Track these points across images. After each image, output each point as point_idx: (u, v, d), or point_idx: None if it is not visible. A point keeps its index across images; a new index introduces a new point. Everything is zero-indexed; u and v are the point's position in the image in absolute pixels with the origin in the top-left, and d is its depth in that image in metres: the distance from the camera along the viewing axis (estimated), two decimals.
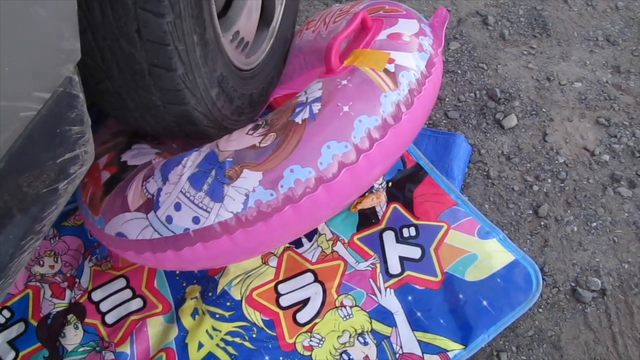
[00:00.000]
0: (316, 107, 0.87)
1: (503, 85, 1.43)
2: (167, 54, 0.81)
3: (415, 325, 1.01)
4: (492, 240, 1.09)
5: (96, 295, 1.07)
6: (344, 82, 0.90)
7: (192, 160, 0.87)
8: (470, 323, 1.00)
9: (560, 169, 1.27)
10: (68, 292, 1.07)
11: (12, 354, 1.01)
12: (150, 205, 0.85)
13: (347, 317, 1.02)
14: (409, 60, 0.95)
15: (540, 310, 1.07)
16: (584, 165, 1.28)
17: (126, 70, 0.84)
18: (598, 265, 1.12)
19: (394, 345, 0.99)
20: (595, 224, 1.18)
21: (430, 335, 1.00)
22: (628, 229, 1.17)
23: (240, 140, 0.87)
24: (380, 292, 1.05)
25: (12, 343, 1.02)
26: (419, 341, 1.00)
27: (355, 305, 1.04)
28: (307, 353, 0.99)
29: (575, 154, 1.30)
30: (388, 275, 1.07)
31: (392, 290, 1.05)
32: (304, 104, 0.88)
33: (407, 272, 1.06)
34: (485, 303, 1.01)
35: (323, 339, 1.00)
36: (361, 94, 0.88)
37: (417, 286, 1.05)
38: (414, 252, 1.08)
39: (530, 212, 1.20)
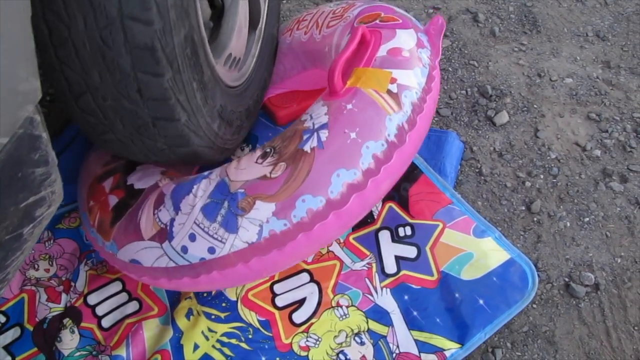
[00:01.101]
0: (324, 134, 0.88)
1: (494, 82, 1.44)
2: (169, 107, 0.82)
3: (412, 324, 1.02)
4: (488, 239, 1.09)
5: (92, 299, 1.07)
6: (349, 106, 0.91)
7: (202, 190, 0.89)
8: (466, 322, 1.00)
9: (552, 165, 1.27)
10: (64, 296, 1.07)
11: (8, 359, 1.01)
12: (164, 235, 0.87)
13: (344, 317, 1.03)
14: (410, 78, 0.97)
15: (535, 306, 1.07)
16: (576, 161, 1.29)
17: (130, 125, 0.85)
18: (591, 260, 1.13)
19: (391, 345, 1.00)
20: (587, 219, 1.19)
21: (427, 334, 1.00)
22: (620, 223, 1.18)
23: (250, 169, 0.89)
24: (376, 291, 1.05)
25: (8, 348, 1.02)
26: (416, 340, 1.00)
27: (352, 305, 1.04)
28: (303, 353, 1.00)
29: (567, 150, 1.30)
30: (384, 274, 1.07)
31: (388, 290, 1.05)
32: (311, 130, 0.90)
33: (403, 272, 1.07)
34: (481, 302, 1.02)
35: (319, 339, 1.01)
36: (367, 119, 0.90)
37: (413, 285, 1.05)
38: (410, 252, 1.09)
39: (523, 208, 1.21)
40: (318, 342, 1.00)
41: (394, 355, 0.99)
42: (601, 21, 1.62)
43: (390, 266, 1.08)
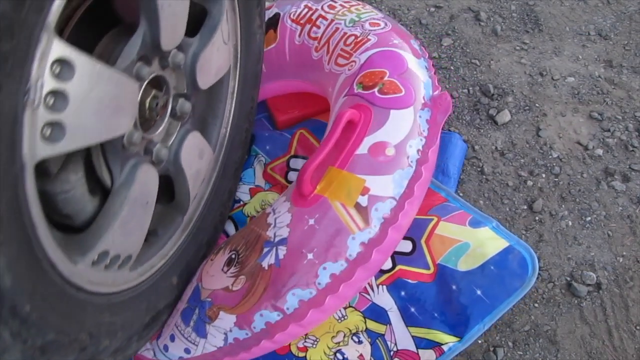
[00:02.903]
0: (282, 251, 0.88)
1: (496, 81, 1.44)
2: None
3: (410, 321, 1.01)
4: (485, 229, 1.05)
5: None
6: (312, 221, 0.89)
7: (186, 293, 0.96)
8: (464, 314, 0.99)
9: (554, 164, 1.27)
10: None
11: None
12: (157, 333, 0.96)
13: (342, 318, 1.02)
14: (386, 187, 0.90)
15: (536, 305, 1.07)
16: (578, 160, 1.28)
17: None
18: (593, 260, 1.12)
19: (389, 343, 0.99)
20: (589, 218, 1.18)
21: (425, 330, 1.00)
22: (622, 222, 1.18)
23: (216, 277, 0.93)
24: (372, 290, 1.04)
25: None
26: (414, 337, 0.99)
27: (349, 306, 1.03)
28: (301, 354, 0.99)
29: (569, 149, 1.30)
30: (380, 271, 1.06)
31: (384, 287, 1.04)
32: (271, 243, 0.90)
33: (398, 267, 1.05)
34: (479, 292, 1.00)
35: (317, 340, 1.00)
36: (327, 238, 0.87)
37: (409, 280, 1.04)
38: (405, 246, 1.07)
39: (525, 207, 1.20)
40: (316, 343, 1.00)
41: (391, 353, 0.99)
42: (603, 20, 1.61)
43: (386, 262, 1.07)
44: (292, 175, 1.19)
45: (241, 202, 1.17)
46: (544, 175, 1.25)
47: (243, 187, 1.19)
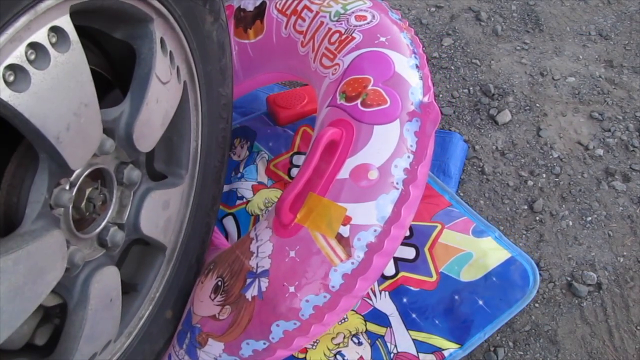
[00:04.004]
0: (264, 283, 0.87)
1: (497, 81, 1.44)
2: None
3: (411, 325, 1.01)
4: (488, 239, 1.07)
5: None
6: (292, 253, 0.86)
7: (183, 315, 0.96)
8: (465, 323, 0.99)
9: (555, 164, 1.27)
10: None
11: None
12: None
13: (342, 320, 1.02)
14: (369, 214, 0.85)
15: (537, 305, 1.07)
16: (578, 160, 1.28)
17: None
18: (593, 260, 1.12)
19: (389, 345, 0.99)
20: (590, 218, 1.18)
21: (425, 334, 1.00)
22: (623, 222, 1.18)
23: (205, 304, 0.93)
24: (375, 295, 1.04)
25: None
26: (414, 340, 0.99)
27: (351, 310, 1.03)
28: (301, 356, 0.99)
29: (570, 149, 1.30)
30: (382, 277, 1.06)
31: (386, 293, 1.04)
32: (253, 274, 0.88)
33: (401, 273, 1.06)
34: (481, 302, 1.01)
35: (317, 341, 1.00)
36: (308, 271, 0.85)
37: (411, 288, 1.04)
38: (408, 253, 1.07)
39: (526, 207, 1.20)
40: (315, 344, 1.00)
41: (391, 355, 0.98)
42: (604, 20, 1.61)
43: (389, 268, 1.06)
44: (295, 172, 1.18)
45: (244, 200, 1.17)
46: (544, 175, 1.25)
47: (245, 184, 1.18)
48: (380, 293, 1.04)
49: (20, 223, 0.60)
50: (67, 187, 0.64)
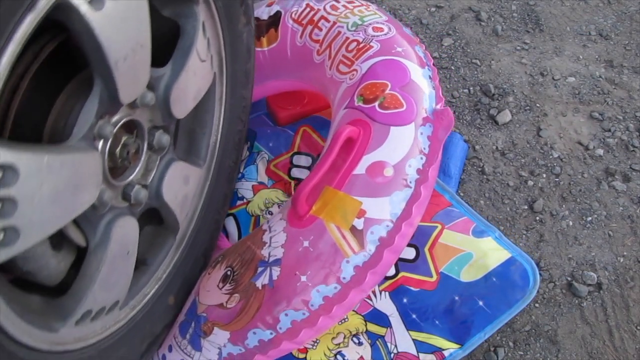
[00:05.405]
0: (275, 272, 0.88)
1: (497, 81, 1.44)
2: None
3: (411, 325, 1.01)
4: (488, 239, 1.07)
5: None
6: (306, 243, 0.88)
7: (185, 306, 0.97)
8: (465, 323, 0.99)
9: (555, 164, 1.27)
10: None
11: None
12: None
13: (343, 321, 1.02)
14: (383, 209, 0.88)
15: (537, 305, 1.07)
16: (579, 160, 1.28)
17: None
18: (594, 260, 1.12)
19: (389, 345, 0.99)
20: (590, 218, 1.18)
21: (425, 334, 1.00)
22: (623, 222, 1.18)
23: (212, 293, 0.93)
24: (375, 295, 1.04)
25: None
26: (414, 340, 0.99)
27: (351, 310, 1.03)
28: (301, 356, 0.99)
29: (570, 149, 1.30)
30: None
31: (386, 293, 1.04)
32: (265, 263, 0.90)
33: (401, 274, 1.06)
34: (481, 303, 1.01)
35: (317, 341, 1.00)
36: (321, 261, 0.87)
37: (412, 288, 1.04)
38: (408, 253, 1.07)
39: (526, 207, 1.20)
40: (315, 345, 1.00)
41: (392, 355, 0.98)
42: (604, 20, 1.61)
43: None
44: (295, 172, 1.19)
45: (244, 200, 1.17)
46: (544, 175, 1.25)
47: (246, 184, 1.18)
48: (381, 293, 1.04)
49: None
50: (111, 121, 0.70)
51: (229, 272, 0.94)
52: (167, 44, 0.79)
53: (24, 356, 0.63)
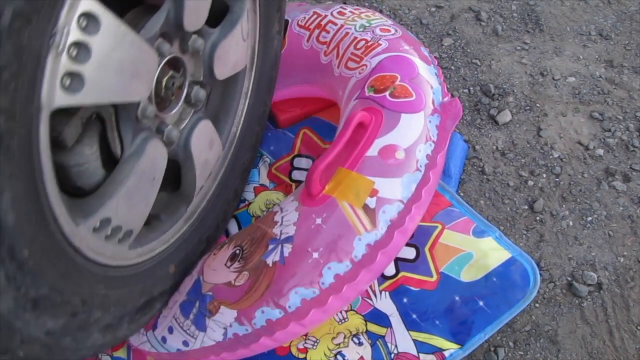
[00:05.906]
0: (287, 249, 0.88)
1: (497, 81, 1.44)
2: None
3: (411, 325, 1.01)
4: (488, 239, 1.07)
5: None
6: (319, 220, 0.89)
7: (184, 286, 0.95)
8: (466, 323, 1.00)
9: (555, 164, 1.27)
10: None
11: None
12: (150, 324, 0.95)
13: (342, 321, 1.02)
14: (394, 189, 0.91)
15: (537, 305, 1.07)
16: (579, 160, 1.28)
17: None
18: (594, 260, 1.13)
19: (389, 345, 0.99)
20: (590, 218, 1.18)
21: (426, 335, 1.00)
22: (623, 222, 1.18)
23: (219, 272, 0.93)
24: (375, 295, 1.04)
25: None
26: (414, 340, 0.99)
27: (351, 310, 1.03)
28: (301, 356, 0.99)
29: (570, 149, 1.30)
30: (383, 277, 1.06)
31: (387, 293, 1.04)
32: (277, 240, 0.90)
33: (402, 273, 1.06)
34: (481, 303, 1.01)
35: (317, 341, 1.00)
36: (334, 239, 0.88)
37: (412, 288, 1.04)
38: (409, 253, 1.07)
39: (526, 207, 1.20)
40: (316, 345, 1.00)
41: (392, 355, 0.99)
42: (604, 20, 1.61)
43: (389, 268, 1.06)
44: (296, 174, 1.19)
45: (246, 202, 1.17)
46: (544, 175, 1.25)
47: (248, 186, 1.19)
48: (381, 293, 1.04)
49: None
50: (168, 44, 0.78)
51: (237, 251, 0.93)
52: (214, 20, 0.89)
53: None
